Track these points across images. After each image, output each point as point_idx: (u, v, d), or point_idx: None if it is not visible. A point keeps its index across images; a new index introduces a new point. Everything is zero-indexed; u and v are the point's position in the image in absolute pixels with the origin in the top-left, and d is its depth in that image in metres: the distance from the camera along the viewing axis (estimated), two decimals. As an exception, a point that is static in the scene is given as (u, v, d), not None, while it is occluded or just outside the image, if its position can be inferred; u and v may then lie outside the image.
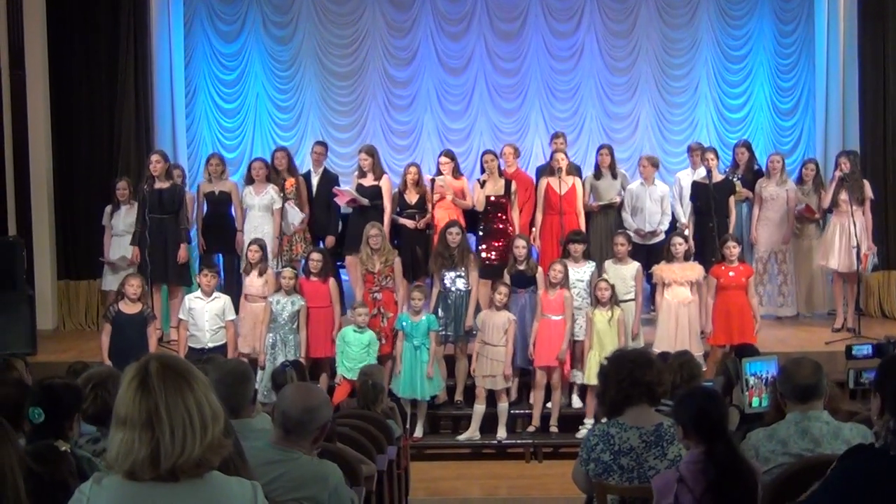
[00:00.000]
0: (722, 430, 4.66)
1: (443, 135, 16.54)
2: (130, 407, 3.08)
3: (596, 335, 11.08)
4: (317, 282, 11.50)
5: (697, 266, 11.61)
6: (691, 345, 10.76)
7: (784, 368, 5.50)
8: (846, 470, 3.87)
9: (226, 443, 3.18)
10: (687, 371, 7.04)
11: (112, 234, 12.87)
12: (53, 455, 4.63)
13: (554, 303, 11.14)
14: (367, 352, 11.02)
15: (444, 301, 11.48)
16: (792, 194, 13.08)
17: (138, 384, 3.10)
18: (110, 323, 11.06)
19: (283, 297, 11.30)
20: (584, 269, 11.51)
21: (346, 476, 5.12)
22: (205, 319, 11.20)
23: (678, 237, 11.67)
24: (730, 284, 11.32)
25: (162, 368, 3.12)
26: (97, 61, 13.96)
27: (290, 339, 11.26)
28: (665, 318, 11.33)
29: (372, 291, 11.51)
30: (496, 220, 12.58)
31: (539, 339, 11.15)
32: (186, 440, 3.05)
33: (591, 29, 16.46)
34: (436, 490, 10.42)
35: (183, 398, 3.08)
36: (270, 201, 12.76)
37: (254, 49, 16.42)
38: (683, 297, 11.32)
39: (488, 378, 11.09)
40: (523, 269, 11.41)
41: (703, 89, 16.46)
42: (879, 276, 13.58)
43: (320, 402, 4.95)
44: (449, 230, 11.53)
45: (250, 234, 12.58)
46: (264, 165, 13.02)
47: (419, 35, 16.53)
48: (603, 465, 5.01)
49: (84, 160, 13.92)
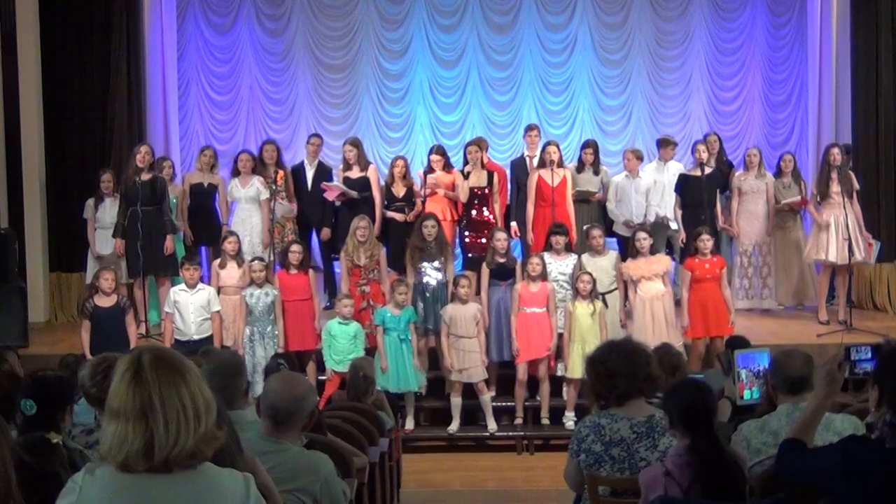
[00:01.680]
0: (707, 424, 4.67)
1: (435, 127, 16.55)
2: (124, 398, 3.08)
3: (578, 329, 11.07)
4: (297, 274, 11.48)
5: (664, 258, 11.74)
6: (669, 336, 10.73)
7: (775, 361, 5.51)
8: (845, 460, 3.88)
9: (219, 434, 3.19)
10: (668, 363, 7.03)
11: (98, 228, 12.84)
12: (45, 447, 4.63)
13: (536, 296, 11.13)
14: (354, 343, 11.02)
15: (423, 294, 11.47)
16: (772, 187, 13.12)
17: (132, 376, 3.10)
18: (88, 318, 11.06)
19: (255, 290, 11.29)
20: (566, 261, 11.52)
21: (338, 468, 5.13)
22: (190, 311, 11.19)
23: (642, 232, 11.68)
24: (704, 276, 11.34)
25: (155, 360, 3.13)
26: (90, 54, 13.93)
27: (268, 331, 11.26)
28: (640, 313, 11.33)
29: (360, 285, 11.51)
30: (480, 212, 12.69)
31: (520, 334, 11.12)
32: (181, 431, 3.05)
33: (584, 21, 16.47)
34: (427, 482, 10.42)
35: (177, 389, 3.09)
36: (256, 193, 12.77)
37: (246, 41, 16.40)
38: (655, 291, 11.33)
39: (465, 371, 11.08)
40: (503, 261, 11.42)
41: (696, 82, 16.48)
42: (872, 269, 13.59)
43: (306, 389, 4.98)
44: (425, 223, 11.53)
45: (238, 227, 12.60)
46: (251, 157, 13.03)
47: (412, 27, 16.52)
48: (594, 456, 5.01)
49: (76, 152, 13.90)
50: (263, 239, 12.68)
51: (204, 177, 13.14)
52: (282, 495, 4.53)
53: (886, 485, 3.78)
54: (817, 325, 12.54)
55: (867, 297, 13.79)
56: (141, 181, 12.19)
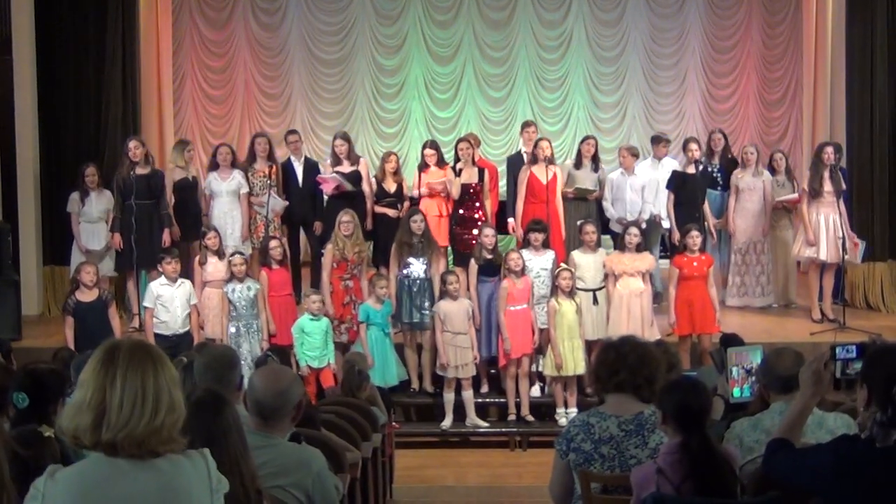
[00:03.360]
0: (700, 423, 4.68)
1: (430, 123, 16.57)
2: (90, 373, 3.16)
3: (566, 326, 11.07)
4: (279, 269, 11.49)
5: (648, 256, 11.68)
6: (644, 335, 10.73)
7: (766, 360, 5.51)
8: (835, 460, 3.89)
9: (177, 438, 3.22)
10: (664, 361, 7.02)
11: (84, 221, 12.74)
12: (37, 440, 4.63)
13: (522, 292, 11.15)
14: (326, 338, 11.02)
15: (408, 289, 11.46)
16: (769, 185, 13.11)
17: (105, 355, 3.19)
18: (71, 314, 11.02)
19: (237, 284, 11.24)
20: (544, 257, 11.51)
21: (331, 463, 5.14)
22: (176, 305, 11.17)
23: (634, 228, 11.70)
24: (692, 274, 11.36)
25: (133, 348, 3.22)
26: (85, 48, 13.89)
27: (253, 325, 11.23)
28: (617, 308, 11.35)
29: (343, 279, 11.47)
30: (471, 208, 12.63)
31: (511, 331, 11.12)
32: (133, 416, 3.10)
33: (580, 18, 16.50)
34: (420, 478, 10.43)
35: (142, 377, 3.15)
36: (238, 186, 12.69)
37: (241, 36, 16.42)
38: (635, 288, 11.33)
39: (460, 367, 11.09)
40: (491, 258, 11.42)
41: (691, 79, 16.52)
42: (864, 267, 13.60)
43: (290, 381, 4.95)
44: (413, 218, 11.52)
45: (219, 221, 12.52)
46: (230, 151, 12.98)
47: (407, 23, 16.54)
48: (584, 455, 5.01)
49: (70, 146, 13.85)
50: (242, 233, 12.64)
51: (188, 171, 13.05)
52: (274, 490, 4.54)
53: (877, 484, 3.80)
54: (810, 323, 12.54)
55: (860, 296, 13.81)
56: (136, 175, 12.18)
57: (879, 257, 13.63)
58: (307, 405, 5.38)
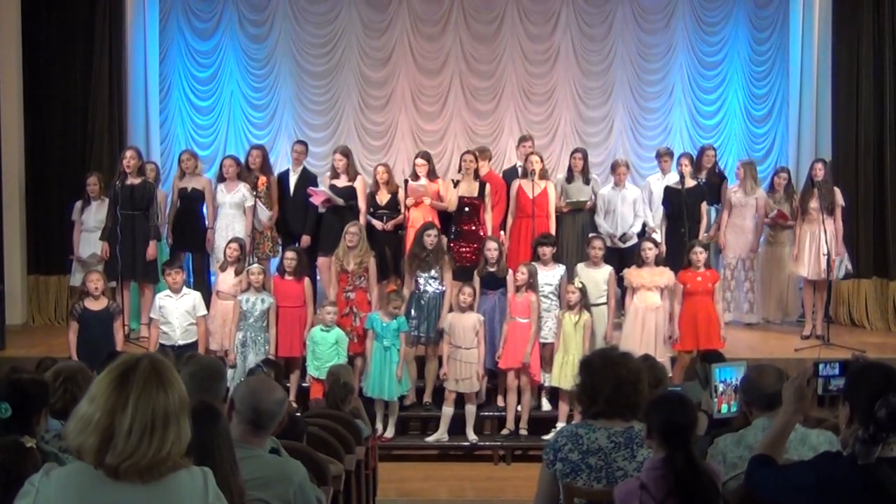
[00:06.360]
0: (686, 439, 4.67)
1: (417, 136, 16.55)
2: (103, 389, 3.11)
3: (562, 339, 11.10)
4: (291, 281, 11.50)
5: (667, 271, 11.57)
6: (656, 350, 10.79)
7: (747, 377, 5.51)
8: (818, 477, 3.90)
9: (180, 462, 3.20)
10: (652, 376, 7.02)
11: (82, 230, 12.79)
12: (19, 450, 4.61)
13: (521, 305, 11.17)
14: (335, 350, 11.06)
15: (418, 302, 11.47)
16: (762, 202, 13.13)
17: (121, 373, 3.13)
18: (77, 321, 11.00)
19: (252, 296, 11.28)
20: (553, 272, 11.52)
21: (313, 476, 5.12)
22: (175, 317, 11.16)
23: (649, 242, 11.68)
24: (697, 290, 11.37)
25: (149, 371, 3.15)
26: (72, 57, 13.91)
27: (260, 338, 11.24)
28: (632, 321, 11.37)
29: (345, 290, 11.50)
30: (469, 222, 12.57)
31: (508, 341, 11.18)
32: (140, 446, 3.07)
33: (567, 32, 16.51)
34: (404, 491, 10.41)
35: (154, 405, 3.10)
36: (242, 199, 12.74)
37: (229, 47, 16.39)
38: (651, 303, 11.34)
39: (461, 381, 11.10)
40: (494, 270, 11.43)
41: (678, 95, 16.53)
42: (850, 284, 13.65)
43: (272, 396, 4.91)
44: (427, 232, 11.51)
45: (222, 232, 12.57)
46: (235, 163, 12.97)
47: (395, 35, 16.52)
48: (571, 465, 4.99)
49: (56, 155, 13.86)
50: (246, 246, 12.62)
51: (187, 181, 13.06)
52: (255, 503, 4.52)
53: (859, 502, 3.80)
54: (796, 339, 12.57)
55: (845, 313, 13.84)
56: (123, 185, 12.16)
57: (864, 274, 13.69)
58: (292, 417, 5.36)
